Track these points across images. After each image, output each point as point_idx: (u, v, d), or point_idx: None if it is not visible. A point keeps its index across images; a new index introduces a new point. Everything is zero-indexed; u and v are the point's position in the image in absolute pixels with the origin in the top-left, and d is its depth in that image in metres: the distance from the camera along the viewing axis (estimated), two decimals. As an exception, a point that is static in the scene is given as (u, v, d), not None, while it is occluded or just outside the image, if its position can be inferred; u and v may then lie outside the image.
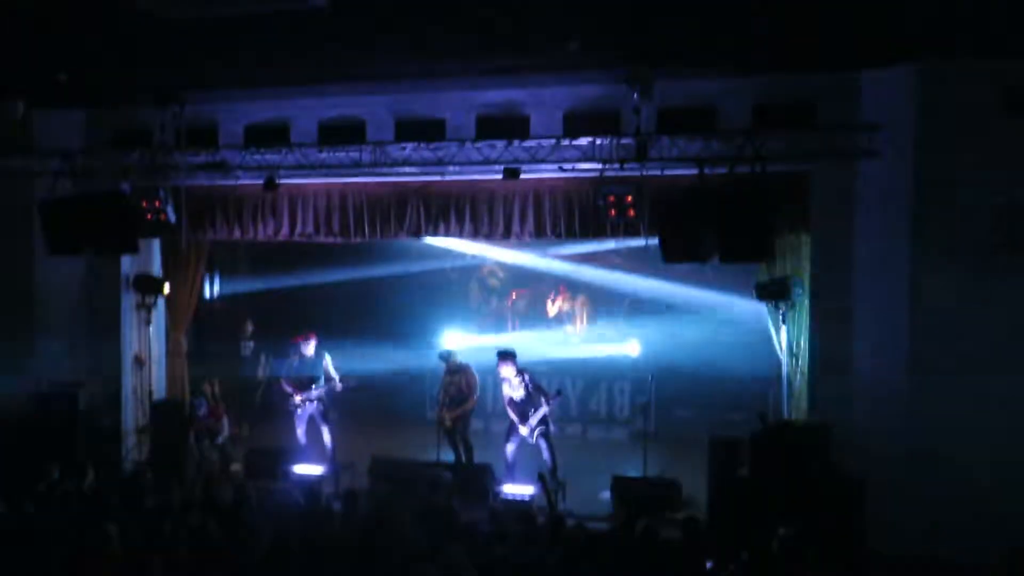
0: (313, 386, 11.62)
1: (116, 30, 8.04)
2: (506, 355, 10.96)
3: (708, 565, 7.13)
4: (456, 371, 11.55)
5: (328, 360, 11.70)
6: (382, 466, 11.12)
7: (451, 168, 10.29)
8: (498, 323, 15.30)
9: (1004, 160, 8.81)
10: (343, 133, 10.59)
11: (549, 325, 15.16)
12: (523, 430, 10.70)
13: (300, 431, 11.80)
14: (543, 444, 10.73)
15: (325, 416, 11.72)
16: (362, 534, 7.31)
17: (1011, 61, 8.66)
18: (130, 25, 7.74)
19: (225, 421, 12.26)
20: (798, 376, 10.08)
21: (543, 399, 10.70)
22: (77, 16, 7.58)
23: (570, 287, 14.83)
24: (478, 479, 10.64)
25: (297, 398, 11.70)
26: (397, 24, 7.91)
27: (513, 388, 10.82)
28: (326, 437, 11.72)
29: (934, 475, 8.90)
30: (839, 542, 8.05)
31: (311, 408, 11.71)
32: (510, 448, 10.86)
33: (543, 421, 10.68)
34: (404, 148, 10.29)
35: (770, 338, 10.45)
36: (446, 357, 11.71)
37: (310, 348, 11.76)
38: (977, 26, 7.96)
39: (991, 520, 8.46)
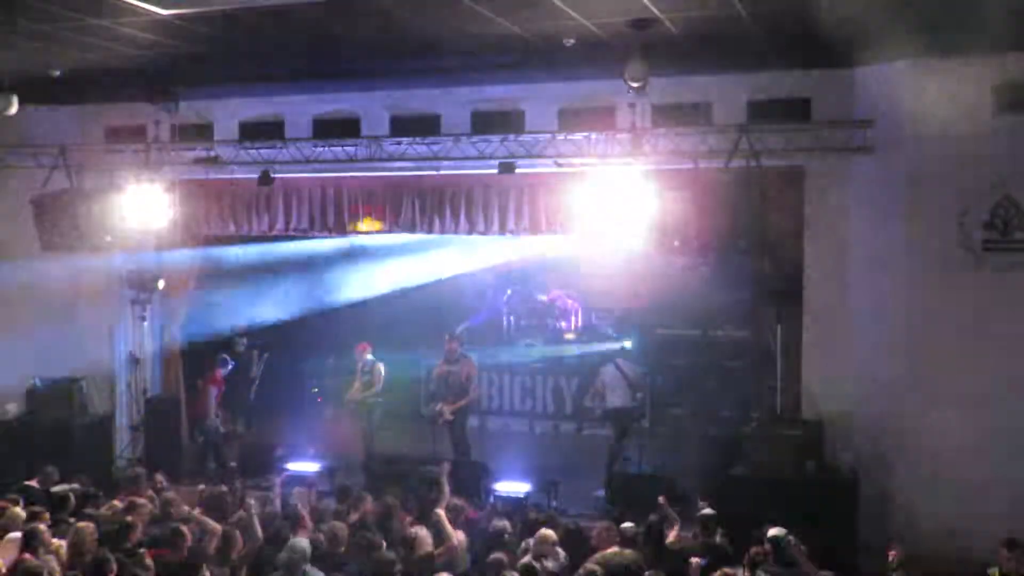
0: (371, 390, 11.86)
1: (110, 25, 8.00)
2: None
3: (702, 562, 7.14)
4: (456, 360, 11.56)
5: (380, 367, 11.89)
6: (377, 462, 11.10)
7: (446, 163, 10.27)
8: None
9: (997, 156, 8.82)
10: (338, 128, 10.57)
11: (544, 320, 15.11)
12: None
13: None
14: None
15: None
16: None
17: (1004, 58, 8.66)
18: (124, 20, 7.72)
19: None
20: (793, 372, 10.08)
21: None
22: (71, 10, 7.55)
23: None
24: (472, 476, 10.62)
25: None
26: (392, 20, 7.88)
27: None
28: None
29: (928, 471, 8.91)
30: (832, 537, 8.06)
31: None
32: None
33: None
34: (399, 143, 10.28)
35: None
36: (460, 336, 11.75)
37: (366, 354, 11.99)
38: (970, 22, 7.95)
39: (985, 515, 8.46)
